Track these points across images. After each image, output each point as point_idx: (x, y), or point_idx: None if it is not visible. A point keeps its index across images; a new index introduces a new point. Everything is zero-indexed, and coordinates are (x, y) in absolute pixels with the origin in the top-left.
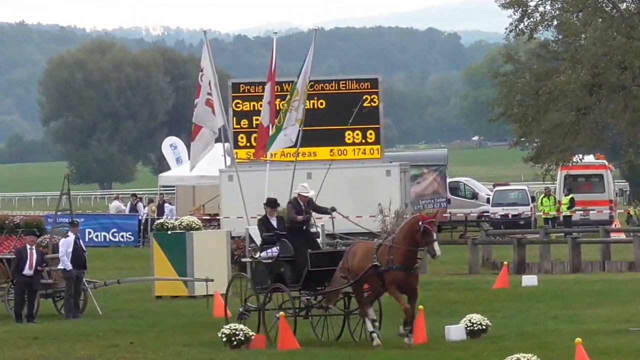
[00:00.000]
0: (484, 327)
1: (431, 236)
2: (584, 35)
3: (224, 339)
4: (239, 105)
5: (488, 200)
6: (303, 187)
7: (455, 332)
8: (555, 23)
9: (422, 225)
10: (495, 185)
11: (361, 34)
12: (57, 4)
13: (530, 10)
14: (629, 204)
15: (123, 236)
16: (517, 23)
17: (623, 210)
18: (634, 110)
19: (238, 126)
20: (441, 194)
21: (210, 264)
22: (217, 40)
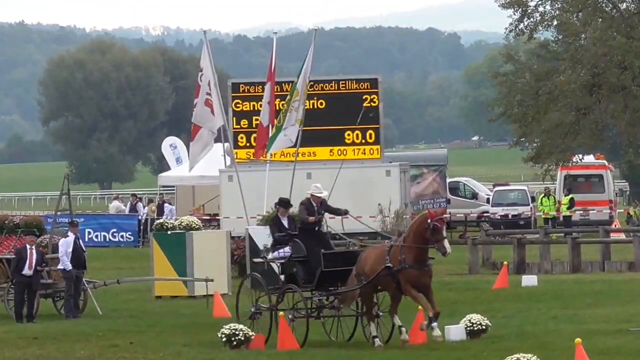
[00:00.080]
0: (484, 327)
1: (440, 234)
2: (583, 35)
3: (224, 339)
4: (238, 105)
5: (488, 201)
6: (316, 188)
7: (455, 332)
8: (555, 23)
9: (431, 223)
10: (495, 185)
11: (361, 34)
12: (57, 4)
13: (530, 10)
14: (628, 204)
15: (123, 236)
16: (517, 23)
17: (623, 210)
18: (634, 110)
19: (238, 126)
20: (441, 194)
21: (210, 264)
22: (217, 40)
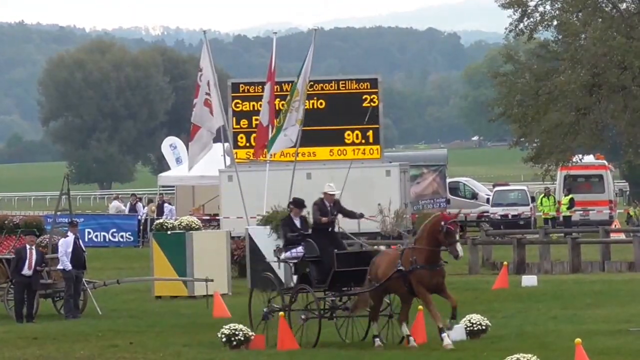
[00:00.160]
0: (484, 328)
1: (453, 237)
2: (583, 35)
3: (224, 339)
4: (238, 105)
5: (488, 201)
6: (330, 187)
7: (455, 333)
8: (555, 23)
9: (445, 225)
10: (495, 185)
11: (361, 34)
12: (57, 4)
13: (530, 10)
14: (628, 204)
15: (122, 236)
16: (517, 23)
17: (623, 210)
18: (633, 110)
19: (238, 126)
20: (441, 194)
21: (210, 264)
22: (217, 40)
